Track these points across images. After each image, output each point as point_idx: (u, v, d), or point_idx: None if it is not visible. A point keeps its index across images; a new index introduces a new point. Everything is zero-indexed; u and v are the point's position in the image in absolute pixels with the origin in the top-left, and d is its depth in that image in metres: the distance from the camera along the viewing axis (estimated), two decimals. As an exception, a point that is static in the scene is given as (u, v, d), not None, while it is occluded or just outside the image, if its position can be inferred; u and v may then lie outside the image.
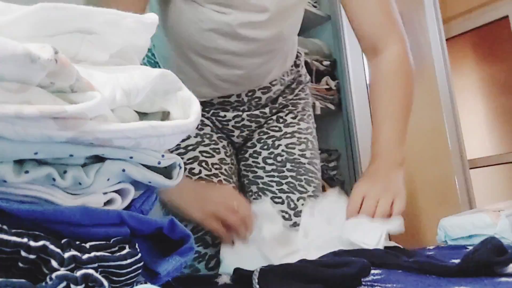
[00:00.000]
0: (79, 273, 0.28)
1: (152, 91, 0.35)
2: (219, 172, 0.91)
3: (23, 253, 0.27)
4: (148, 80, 0.33)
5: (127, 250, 0.32)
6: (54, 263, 0.27)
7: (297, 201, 0.93)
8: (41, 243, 0.27)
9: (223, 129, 0.99)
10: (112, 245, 0.31)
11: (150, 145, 0.33)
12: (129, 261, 0.31)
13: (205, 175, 0.89)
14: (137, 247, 0.32)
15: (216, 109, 0.96)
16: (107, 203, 0.34)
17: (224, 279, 0.54)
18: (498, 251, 0.47)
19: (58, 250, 0.28)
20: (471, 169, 2.50)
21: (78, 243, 0.30)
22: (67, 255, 0.28)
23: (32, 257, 0.27)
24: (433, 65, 2.55)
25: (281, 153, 0.97)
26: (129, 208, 0.36)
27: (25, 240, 0.27)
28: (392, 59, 0.88)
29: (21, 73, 0.27)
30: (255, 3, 0.80)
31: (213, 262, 0.86)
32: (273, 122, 1.00)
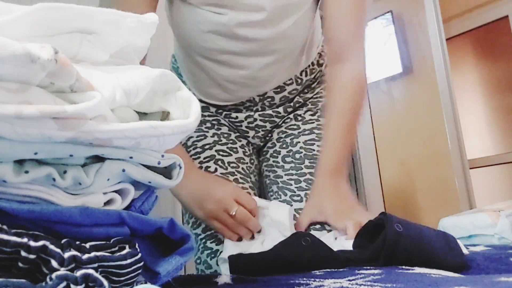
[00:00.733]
0: (79, 273, 0.28)
1: (152, 91, 0.35)
2: (235, 170, 0.92)
3: (23, 253, 0.27)
4: (148, 80, 0.33)
5: (127, 250, 0.32)
6: (54, 263, 0.27)
7: None
8: (41, 243, 0.27)
9: (237, 130, 0.99)
10: (112, 245, 0.31)
11: (150, 145, 0.33)
12: (129, 261, 0.31)
13: (221, 173, 0.90)
14: (137, 247, 0.32)
15: (228, 111, 0.96)
16: (107, 203, 0.34)
17: (224, 279, 0.54)
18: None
19: (58, 250, 0.28)
20: (471, 169, 2.50)
21: (78, 243, 0.30)
22: (67, 255, 0.28)
23: (32, 257, 0.27)
24: (433, 65, 2.56)
25: (299, 150, 0.96)
26: (129, 208, 0.36)
27: (25, 240, 0.27)
28: (353, 74, 0.86)
29: (21, 73, 0.27)
30: (249, 2, 0.80)
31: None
32: (291, 120, 1.00)
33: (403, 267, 0.58)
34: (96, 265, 0.29)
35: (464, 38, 3.38)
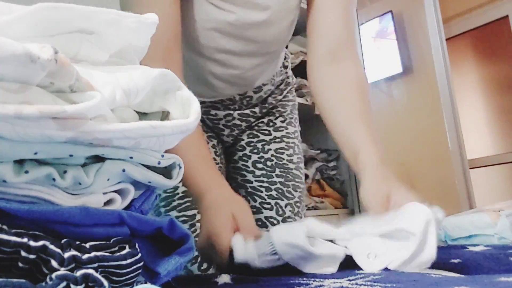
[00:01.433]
0: (79, 273, 0.28)
1: (151, 91, 0.35)
2: None
3: (23, 253, 0.27)
4: (147, 80, 0.33)
5: (127, 250, 0.32)
6: (54, 263, 0.27)
7: (285, 207, 0.94)
8: (41, 243, 0.27)
9: (213, 128, 0.99)
10: (112, 245, 0.31)
11: (150, 145, 0.33)
12: (129, 261, 0.31)
13: None
14: (137, 247, 0.32)
15: (207, 107, 0.96)
16: (107, 203, 0.34)
17: (224, 279, 0.54)
18: None
19: (58, 250, 0.28)
20: (471, 169, 2.50)
21: (78, 243, 0.30)
22: (67, 255, 0.28)
23: (32, 257, 0.27)
24: (433, 65, 2.56)
25: (271, 158, 0.97)
26: (129, 208, 0.36)
27: (25, 240, 0.27)
28: (359, 71, 0.84)
29: (21, 73, 0.27)
30: (258, 1, 0.80)
31: (205, 264, 0.84)
32: (264, 125, 1.01)
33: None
34: (96, 265, 0.29)
35: (464, 38, 3.38)
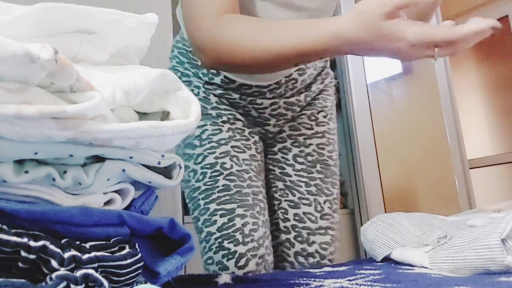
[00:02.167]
0: (79, 273, 0.28)
1: (151, 91, 0.35)
2: (249, 168, 0.90)
3: (23, 253, 0.27)
4: (147, 80, 0.33)
5: (127, 250, 0.32)
6: (54, 263, 0.27)
7: (324, 204, 0.93)
8: (41, 243, 0.27)
9: (259, 118, 0.96)
10: (112, 245, 0.31)
11: (150, 145, 0.33)
12: (129, 261, 0.31)
13: (236, 171, 0.88)
14: (137, 247, 0.32)
15: (253, 96, 0.94)
16: (107, 203, 0.34)
17: (224, 279, 0.54)
18: None
19: (58, 250, 0.28)
20: (471, 169, 2.50)
21: (78, 243, 0.30)
22: (67, 255, 0.28)
23: (32, 257, 0.27)
24: (433, 65, 2.56)
25: (312, 152, 0.96)
26: (129, 208, 0.36)
27: (25, 240, 0.27)
28: None
29: (21, 73, 0.27)
30: None
31: (243, 260, 0.82)
32: (306, 118, 0.99)
33: (403, 267, 0.58)
34: (96, 265, 0.29)
35: (464, 38, 3.37)
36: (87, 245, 0.30)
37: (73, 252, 0.29)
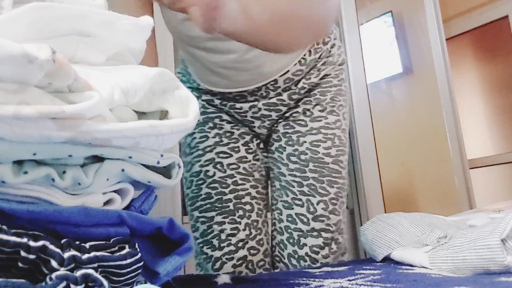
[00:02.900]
0: (79, 273, 0.28)
1: (150, 90, 0.35)
2: (235, 172, 0.91)
3: (23, 253, 0.27)
4: (146, 79, 0.33)
5: (127, 250, 0.32)
6: (54, 263, 0.27)
7: (317, 204, 0.89)
8: (40, 243, 0.27)
9: (244, 121, 0.95)
10: (112, 245, 0.31)
11: (149, 144, 0.33)
12: (129, 261, 0.31)
13: (219, 177, 0.90)
14: (137, 247, 0.32)
15: (232, 101, 0.92)
16: (107, 203, 0.34)
17: (223, 279, 0.54)
18: None
19: (58, 250, 0.28)
20: (471, 169, 2.50)
21: (78, 243, 0.30)
22: (67, 255, 0.28)
23: (31, 257, 0.27)
24: (433, 65, 2.56)
25: (305, 151, 0.91)
26: (129, 208, 0.36)
27: (25, 240, 0.27)
28: None
29: (19, 73, 0.27)
30: None
31: (218, 263, 0.88)
32: (299, 115, 0.93)
33: (403, 267, 0.58)
34: (96, 265, 0.29)
35: (464, 38, 3.38)
36: (87, 245, 0.30)
37: (73, 252, 0.29)
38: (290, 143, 0.93)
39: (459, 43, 3.39)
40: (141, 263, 0.32)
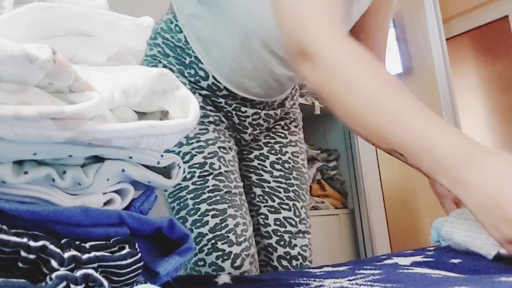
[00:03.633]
0: (79, 273, 0.28)
1: (150, 91, 0.35)
2: (234, 169, 0.92)
3: (23, 253, 0.27)
4: (146, 79, 0.33)
5: (127, 250, 0.32)
6: (54, 263, 0.27)
7: (301, 209, 0.98)
8: (41, 243, 0.27)
9: (239, 125, 0.97)
10: (112, 245, 0.31)
11: (149, 144, 0.33)
12: (129, 261, 0.31)
13: (225, 171, 0.89)
14: (137, 247, 0.33)
15: (238, 104, 0.94)
16: (107, 203, 0.34)
17: (224, 279, 0.54)
18: None
19: (58, 250, 0.28)
20: (471, 169, 2.49)
21: (78, 243, 0.30)
22: (67, 255, 0.28)
23: (32, 257, 0.27)
24: (433, 65, 2.56)
25: (288, 160, 1.00)
26: (129, 208, 0.36)
27: (25, 240, 0.27)
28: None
29: (19, 73, 0.27)
30: None
31: (239, 260, 0.82)
32: (280, 128, 1.04)
33: (403, 267, 0.58)
34: (96, 265, 0.29)
35: (464, 38, 3.38)
36: (87, 245, 0.30)
37: (73, 252, 0.29)
38: (272, 152, 1.02)
39: (459, 43, 3.39)
40: (141, 263, 0.32)
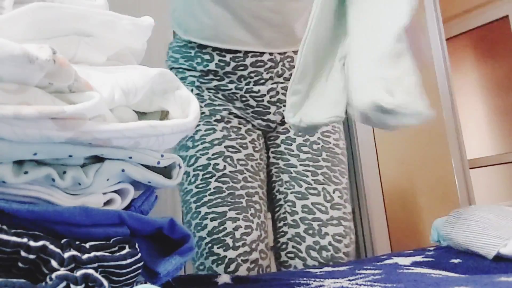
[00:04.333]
0: (79, 273, 0.28)
1: (150, 91, 0.35)
2: (244, 168, 0.87)
3: (23, 253, 0.27)
4: (146, 79, 0.33)
5: (127, 250, 0.32)
6: (54, 263, 0.27)
7: (333, 193, 0.88)
8: (41, 243, 0.27)
9: (258, 106, 0.92)
10: (112, 245, 0.31)
11: (149, 144, 0.33)
12: (129, 261, 0.31)
13: (230, 172, 0.85)
14: (137, 247, 0.32)
15: (250, 83, 0.90)
16: (107, 203, 0.34)
17: (224, 279, 0.54)
18: None
19: (58, 250, 0.28)
20: (471, 169, 2.50)
21: (78, 243, 0.30)
22: (67, 255, 0.28)
23: (32, 257, 0.27)
24: (433, 65, 2.56)
25: (317, 140, 0.91)
26: (129, 208, 0.36)
27: (25, 240, 0.27)
28: None
29: (20, 73, 0.27)
30: None
31: (233, 265, 0.80)
32: None
33: (403, 267, 0.58)
34: (96, 265, 0.29)
35: (464, 38, 3.38)
36: (87, 245, 0.30)
37: (73, 252, 0.29)
38: (300, 133, 0.92)
39: (459, 43, 3.39)
40: (141, 263, 0.32)
